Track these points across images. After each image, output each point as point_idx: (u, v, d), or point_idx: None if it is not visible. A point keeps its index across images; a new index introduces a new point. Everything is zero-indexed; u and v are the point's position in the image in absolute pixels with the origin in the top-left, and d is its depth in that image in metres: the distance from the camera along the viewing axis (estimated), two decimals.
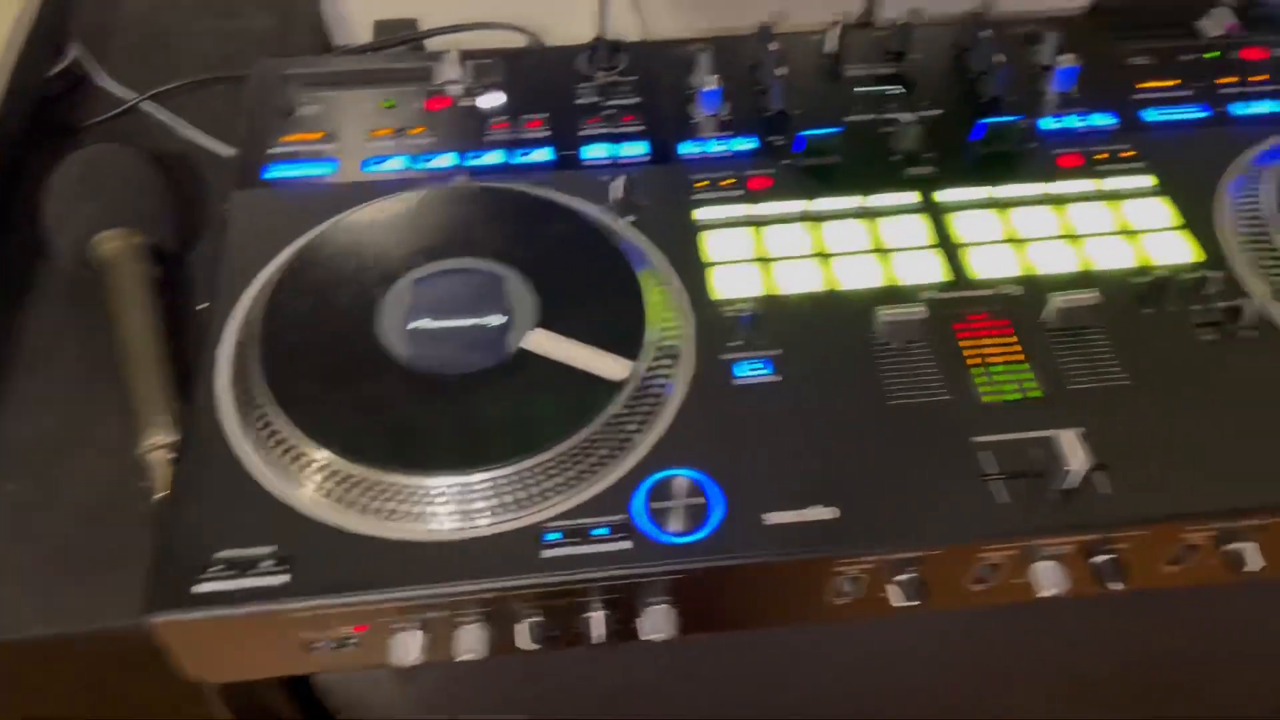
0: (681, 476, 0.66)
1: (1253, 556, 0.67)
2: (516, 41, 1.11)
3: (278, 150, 0.88)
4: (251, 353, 0.70)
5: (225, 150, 0.98)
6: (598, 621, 0.65)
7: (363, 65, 0.97)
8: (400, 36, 1.09)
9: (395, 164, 0.87)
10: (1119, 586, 0.67)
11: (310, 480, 0.65)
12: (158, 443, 0.73)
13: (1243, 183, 0.84)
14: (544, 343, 0.71)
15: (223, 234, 0.82)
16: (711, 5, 1.19)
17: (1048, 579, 0.67)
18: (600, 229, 0.78)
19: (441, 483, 0.64)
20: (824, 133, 0.86)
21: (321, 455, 0.65)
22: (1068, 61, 0.92)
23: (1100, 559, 0.67)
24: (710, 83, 0.90)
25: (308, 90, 0.93)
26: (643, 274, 0.76)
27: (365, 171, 0.86)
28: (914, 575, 0.66)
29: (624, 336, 0.71)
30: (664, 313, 0.74)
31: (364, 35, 1.16)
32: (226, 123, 0.98)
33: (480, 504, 0.64)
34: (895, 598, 0.66)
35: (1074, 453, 0.65)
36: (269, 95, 0.93)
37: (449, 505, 0.64)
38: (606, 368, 0.69)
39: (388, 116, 0.91)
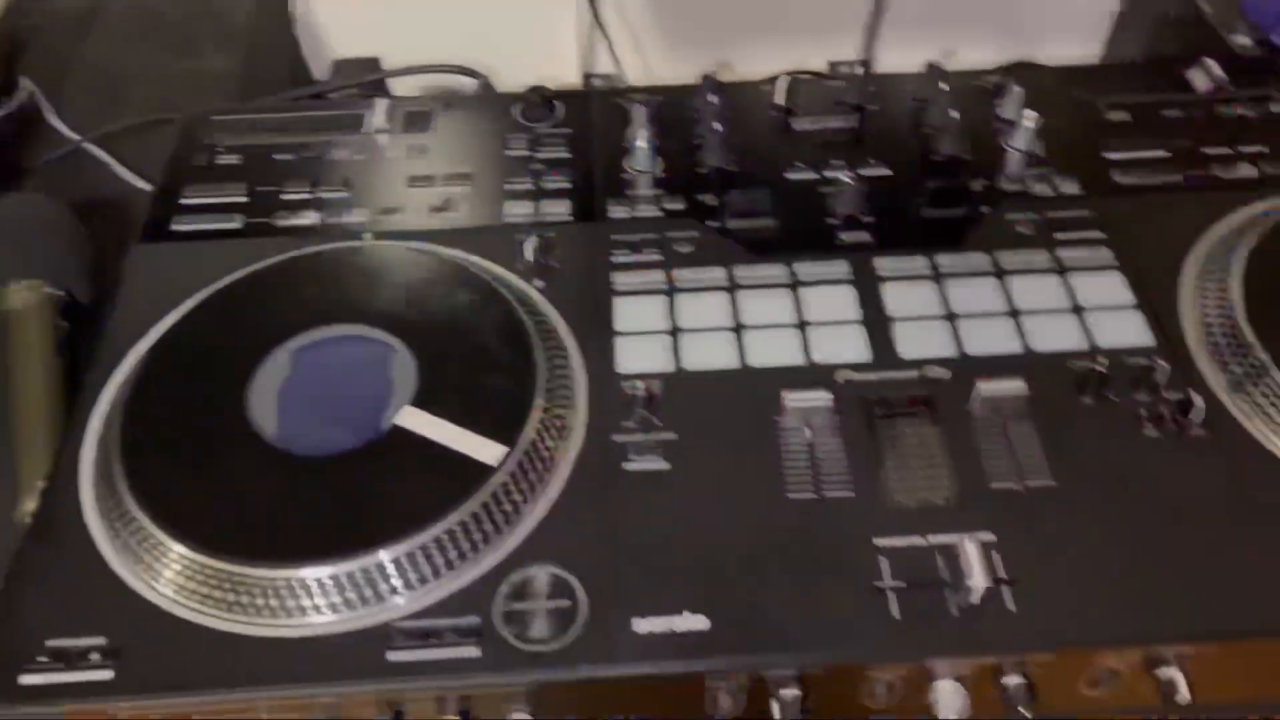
0: (546, 574, 0.61)
1: (1182, 687, 0.60)
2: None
3: (189, 201, 0.85)
4: (113, 426, 0.67)
5: None
6: None
7: (292, 113, 0.94)
8: (346, 81, 1.06)
9: (308, 218, 0.83)
10: (1027, 715, 0.60)
11: (160, 569, 0.62)
12: (34, 510, 0.70)
13: (1211, 259, 0.77)
14: (416, 421, 0.67)
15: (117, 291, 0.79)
16: (714, 45, 1.15)
17: (948, 702, 0.60)
18: (502, 295, 0.74)
19: (285, 575, 0.60)
20: (753, 194, 0.81)
21: (176, 548, 0.61)
22: (1031, 119, 0.86)
23: (1010, 681, 0.61)
24: (642, 137, 0.86)
25: (231, 138, 0.91)
26: (541, 346, 0.71)
27: (277, 225, 0.83)
28: (796, 692, 0.60)
29: (507, 415, 0.67)
30: (556, 389, 0.69)
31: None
32: None
33: (323, 600, 0.60)
34: (778, 714, 0.60)
35: (976, 566, 0.59)
36: (191, 143, 0.91)
37: (291, 600, 0.60)
38: (478, 450, 0.65)
39: (308, 167, 0.88)
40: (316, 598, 0.59)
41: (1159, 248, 0.79)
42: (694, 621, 0.60)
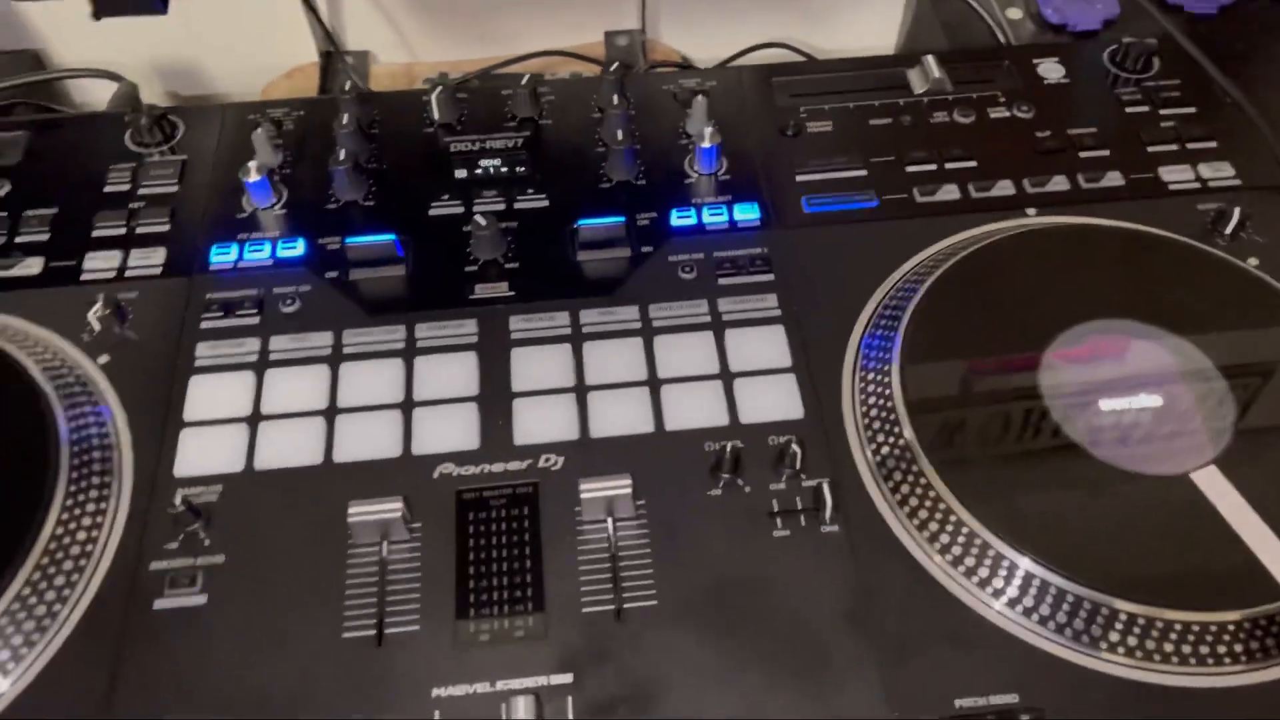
0: None
1: None
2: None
3: None
4: None
5: None
6: None
7: None
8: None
9: None
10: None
11: None
12: None
13: (885, 307, 0.68)
14: None
15: None
16: (476, 32, 1.02)
17: None
18: (33, 383, 0.61)
19: None
20: (371, 240, 0.69)
21: None
22: (710, 136, 0.75)
23: None
24: (254, 167, 0.73)
25: None
26: (70, 447, 0.59)
27: None
28: None
29: (7, 539, 0.55)
30: (80, 510, 0.58)
31: None
32: None
33: None
34: None
35: None
36: None
37: None
38: None
39: None
40: None
41: (839, 291, 0.69)
42: None
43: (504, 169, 0.77)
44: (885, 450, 0.61)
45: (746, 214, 0.74)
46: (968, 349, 0.65)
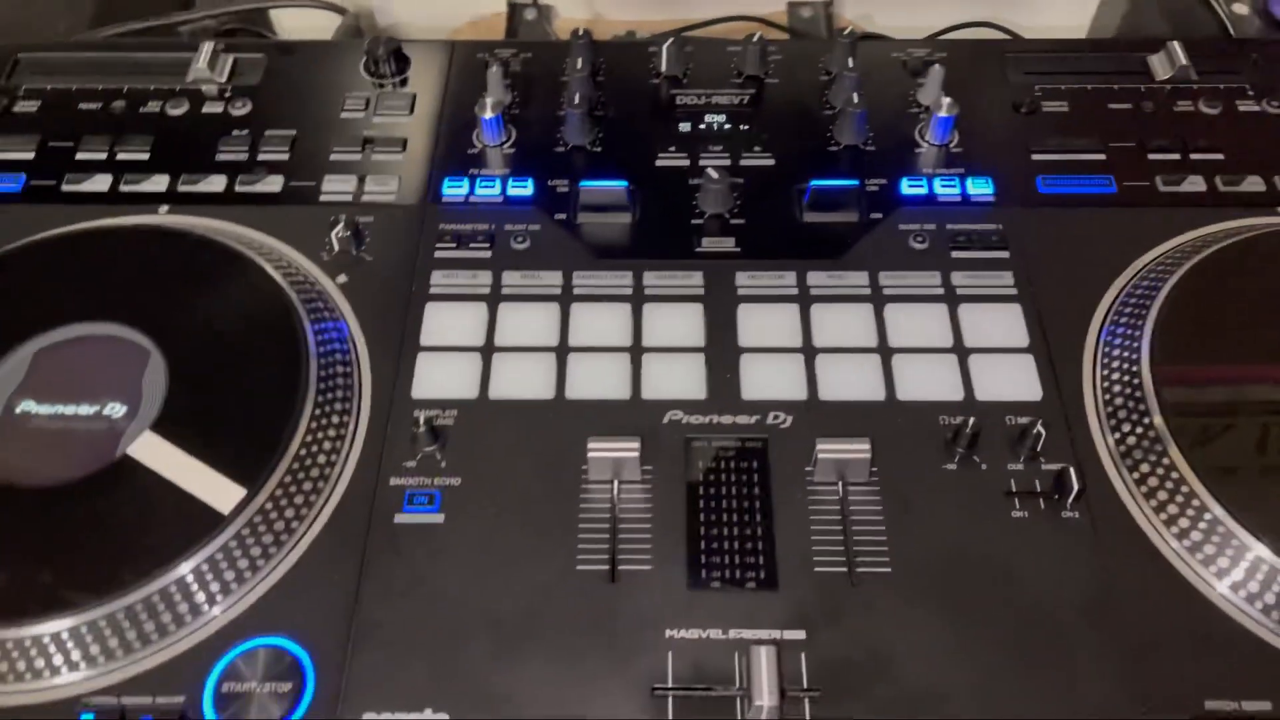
0: (270, 652, 0.52)
1: None
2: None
3: None
4: None
5: None
6: None
7: (113, 52, 0.82)
8: (192, 16, 0.93)
9: (97, 184, 0.72)
10: None
11: None
12: None
13: (1131, 294, 0.65)
14: (151, 450, 0.57)
15: None
16: None
17: None
18: (282, 294, 0.63)
19: None
20: (603, 185, 0.69)
21: None
22: (947, 107, 0.73)
23: None
24: (490, 103, 0.73)
25: (38, 79, 0.79)
26: (315, 364, 0.61)
27: (64, 189, 0.72)
28: None
29: (260, 446, 0.57)
30: (328, 418, 0.59)
31: None
32: None
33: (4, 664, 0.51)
34: None
35: (765, 681, 0.49)
36: None
37: None
38: (212, 493, 0.55)
39: (113, 121, 0.76)
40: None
41: (1077, 274, 0.67)
42: None
43: (729, 125, 0.76)
44: (1131, 438, 0.58)
45: (980, 189, 0.72)
46: (1221, 341, 0.62)
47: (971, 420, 0.58)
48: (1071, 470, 0.57)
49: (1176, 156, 0.73)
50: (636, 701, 0.51)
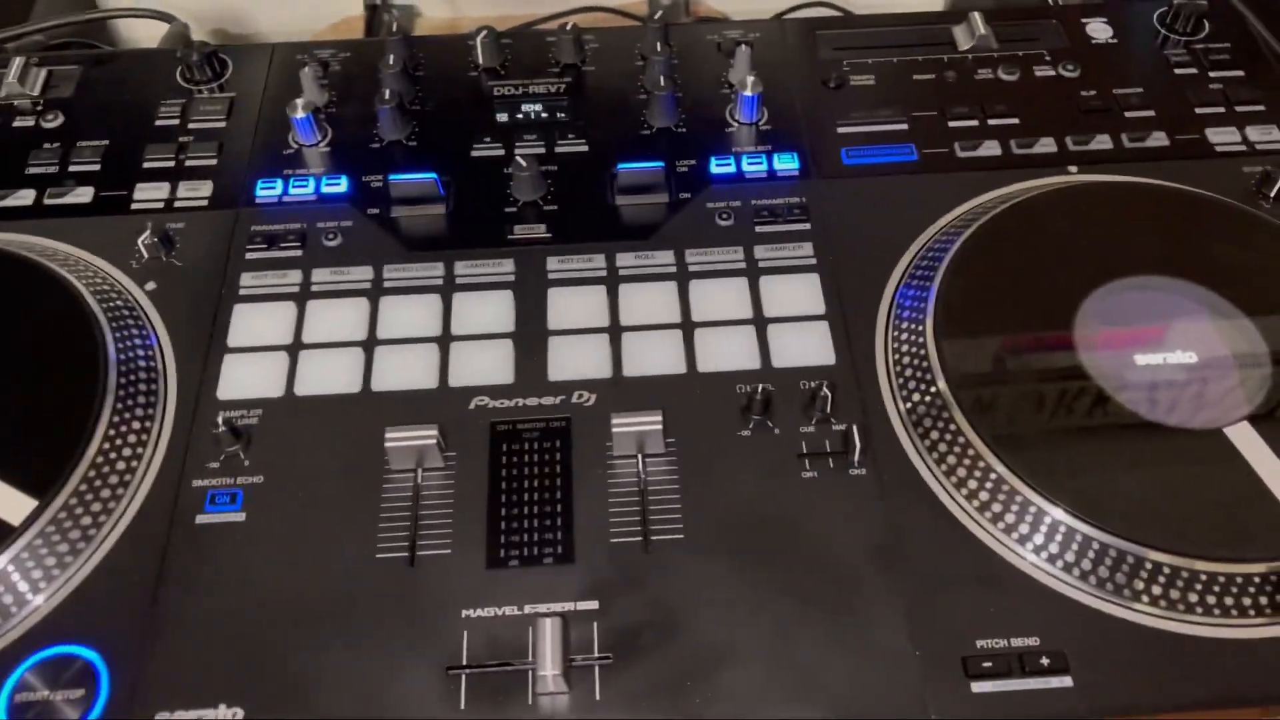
0: (59, 660, 0.52)
1: None
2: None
3: None
4: None
5: None
6: None
7: None
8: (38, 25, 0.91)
9: None
10: None
11: None
12: None
13: (921, 260, 0.68)
14: None
15: None
16: None
17: None
18: (81, 303, 0.63)
19: None
20: (413, 178, 0.70)
21: None
22: (752, 86, 0.75)
23: None
24: (302, 104, 0.74)
25: None
26: (118, 368, 0.61)
27: None
28: None
29: (54, 456, 0.57)
30: (127, 425, 0.59)
31: None
32: None
33: None
34: None
35: (549, 651, 0.50)
36: None
37: None
38: (2, 505, 0.55)
39: None
40: None
41: (875, 242, 0.69)
42: (227, 715, 0.51)
43: (545, 114, 0.77)
44: (917, 399, 0.61)
45: (786, 164, 0.74)
46: (1004, 302, 0.65)
47: (763, 386, 0.60)
48: (855, 428, 0.59)
49: (975, 123, 0.76)
50: (432, 684, 0.52)
